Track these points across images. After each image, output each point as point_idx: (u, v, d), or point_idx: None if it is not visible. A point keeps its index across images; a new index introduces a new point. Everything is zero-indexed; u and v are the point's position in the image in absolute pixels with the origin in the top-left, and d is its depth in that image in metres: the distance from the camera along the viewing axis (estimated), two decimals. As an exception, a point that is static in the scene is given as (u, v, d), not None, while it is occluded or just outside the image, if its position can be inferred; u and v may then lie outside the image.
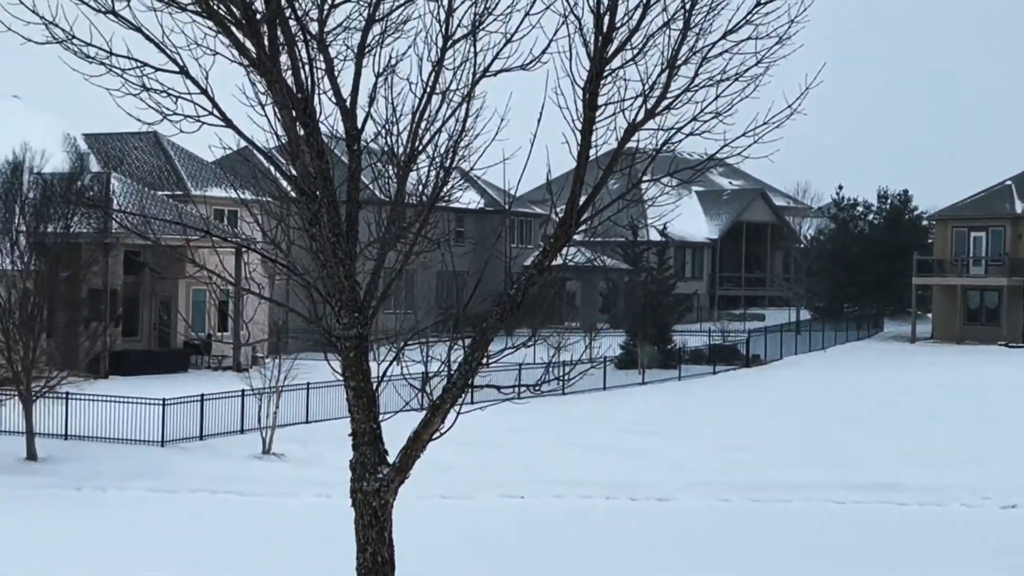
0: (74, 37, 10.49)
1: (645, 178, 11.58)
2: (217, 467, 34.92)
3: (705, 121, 11.13)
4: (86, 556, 25.55)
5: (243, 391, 38.03)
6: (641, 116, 11.13)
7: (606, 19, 10.84)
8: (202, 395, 38.09)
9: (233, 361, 51.73)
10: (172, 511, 30.72)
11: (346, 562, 13.35)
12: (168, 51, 10.75)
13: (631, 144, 11.41)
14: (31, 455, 35.14)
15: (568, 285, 73.60)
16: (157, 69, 10.77)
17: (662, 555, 26.66)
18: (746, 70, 11.07)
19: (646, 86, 11.06)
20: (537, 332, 12.78)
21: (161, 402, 36.72)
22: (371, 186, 12.38)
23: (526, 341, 12.14)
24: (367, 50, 11.57)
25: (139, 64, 10.71)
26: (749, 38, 11.00)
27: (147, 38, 10.66)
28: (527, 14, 11.04)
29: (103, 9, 10.50)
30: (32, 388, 35.55)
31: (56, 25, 10.42)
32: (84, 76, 10.63)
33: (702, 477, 34.64)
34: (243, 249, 40.69)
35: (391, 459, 11.70)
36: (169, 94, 10.83)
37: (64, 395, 36.98)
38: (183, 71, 10.87)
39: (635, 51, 11.00)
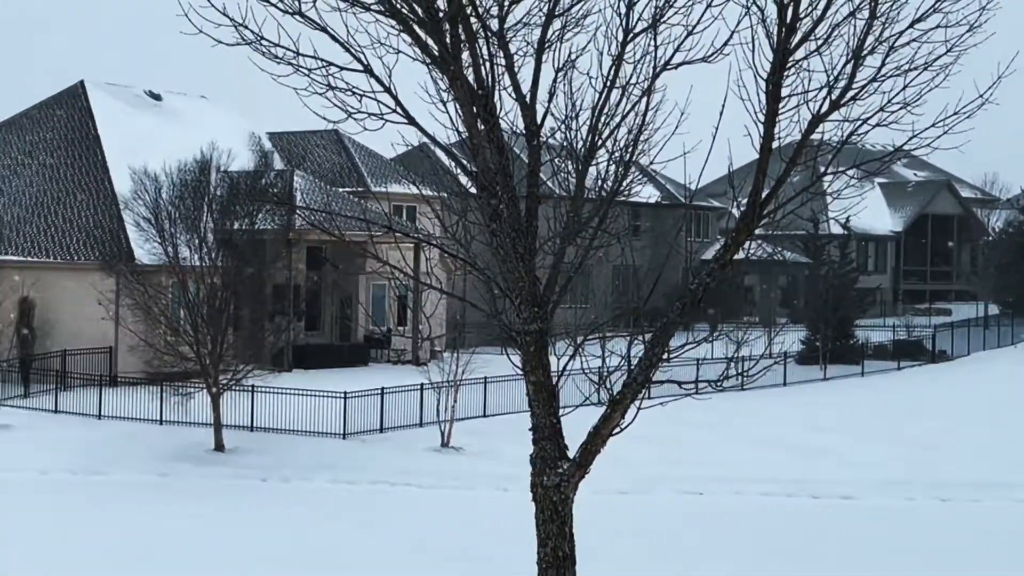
0: (263, 38, 10.71)
1: (830, 170, 11.35)
2: (397, 459, 35.42)
3: (892, 112, 10.87)
4: (279, 544, 26.18)
5: (422, 385, 38.51)
6: (825, 107, 10.92)
7: (790, 10, 10.66)
8: (382, 388, 38.67)
9: (412, 355, 52.40)
10: (353, 502, 31.25)
11: (527, 556, 13.40)
12: (353, 50, 10.90)
13: (814, 136, 11.21)
14: (219, 446, 36.09)
15: (746, 279, 72.78)
16: (342, 68, 10.93)
17: (846, 555, 26.19)
18: (935, 59, 10.77)
19: (831, 77, 10.85)
20: (718, 327, 12.64)
21: (343, 395, 37.38)
22: (550, 181, 12.39)
23: (708, 336, 12.02)
24: (547, 46, 11.55)
25: (325, 64, 10.88)
26: (938, 26, 10.70)
27: (332, 38, 10.83)
28: (709, 6, 10.92)
29: (290, 10, 10.69)
30: (219, 381, 36.50)
31: (245, 27, 10.65)
32: (272, 76, 10.85)
33: (886, 475, 33.94)
34: (423, 244, 41.24)
35: (571, 454, 11.69)
36: (354, 92, 10.99)
37: (250, 388, 37.89)
38: (367, 70, 11.01)
39: (819, 41, 10.80)
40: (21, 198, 51.15)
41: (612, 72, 11.50)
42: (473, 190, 11.85)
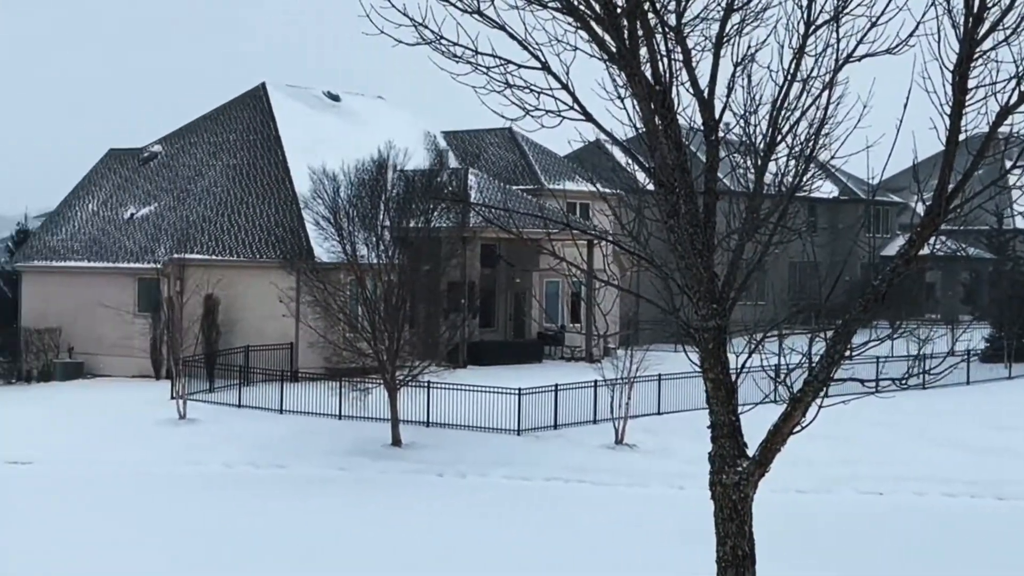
0: (442, 38, 10.84)
1: (1020, 163, 11.01)
2: (570, 456, 35.47)
3: (1088, 102, 10.51)
4: (457, 539, 26.45)
5: (595, 381, 38.50)
6: (1014, 99, 10.62)
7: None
8: (556, 385, 38.77)
9: (585, 352, 52.48)
10: (528, 498, 31.38)
11: (704, 555, 13.33)
12: (530, 48, 10.96)
13: (1002, 128, 10.91)
14: (396, 441, 36.61)
15: (928, 276, 71.14)
16: (520, 66, 11.00)
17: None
18: None
19: (1020, 68, 10.54)
20: (900, 324, 12.37)
21: (517, 392, 37.58)
22: (727, 177, 12.29)
23: (891, 333, 11.78)
24: (725, 40, 11.46)
25: (503, 61, 10.97)
26: None
27: (510, 36, 10.90)
28: (893, -3, 10.70)
29: (469, 9, 10.80)
30: (396, 377, 37.02)
31: (425, 26, 10.79)
32: (451, 75, 10.98)
33: (1075, 477, 32.86)
34: (596, 241, 41.17)
35: (750, 452, 11.58)
36: (531, 90, 11.05)
37: (426, 384, 38.34)
38: (545, 67, 11.06)
39: (1008, 31, 10.50)
40: (206, 198, 52.64)
41: (793, 66, 11.37)
42: (651, 186, 11.81)
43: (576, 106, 11.22)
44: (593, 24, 11.07)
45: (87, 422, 39.32)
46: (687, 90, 11.50)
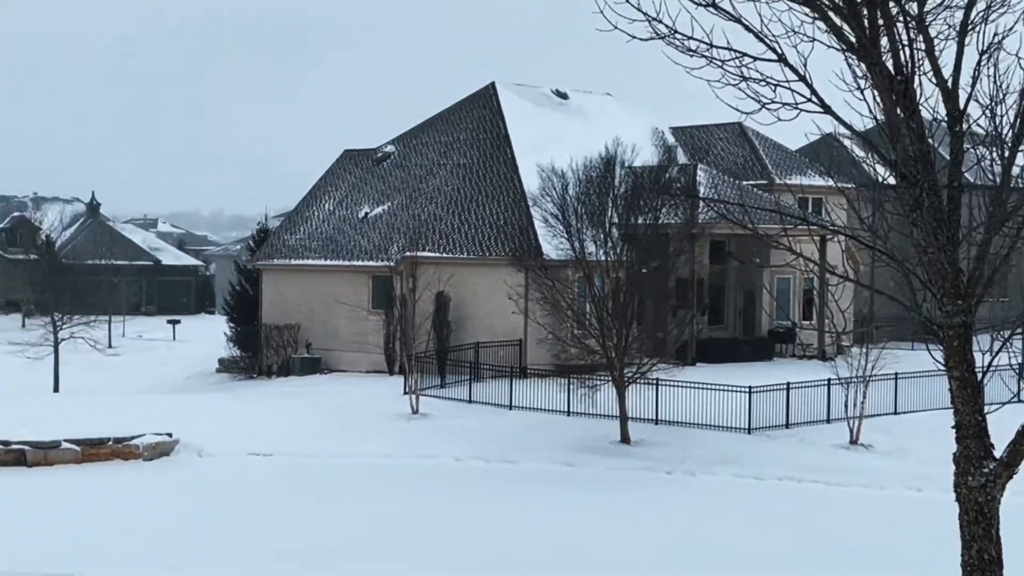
0: (676, 32, 10.79)
1: None
2: (803, 456, 34.90)
3: None
4: (688, 539, 26.34)
5: (828, 380, 37.80)
6: None
7: None
8: (787, 383, 38.19)
9: (817, 349, 51.59)
10: (761, 498, 31.00)
11: (947, 559, 12.93)
12: (767, 40, 10.83)
13: None
14: (624, 438, 36.59)
15: None
16: (756, 58, 10.87)
17: None
18: None
19: None
20: None
21: (747, 390, 37.15)
22: (972, 170, 11.90)
23: None
24: (970, 28, 11.10)
25: (739, 54, 10.87)
26: None
27: (746, 28, 10.79)
28: None
29: (704, 3, 10.73)
30: (624, 374, 37.00)
31: (660, 21, 10.76)
32: (686, 69, 10.94)
33: None
34: (830, 237, 40.40)
35: (997, 453, 11.20)
36: (767, 83, 10.91)
37: (654, 381, 38.21)
38: (781, 59, 10.90)
39: None
40: (436, 197, 53.59)
41: (1043, 53, 10.94)
42: (891, 179, 11.52)
43: (814, 98, 11.04)
44: (831, 14, 10.87)
45: (324, 416, 40.42)
46: (929, 80, 11.19)
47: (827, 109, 11.12)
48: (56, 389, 55.32)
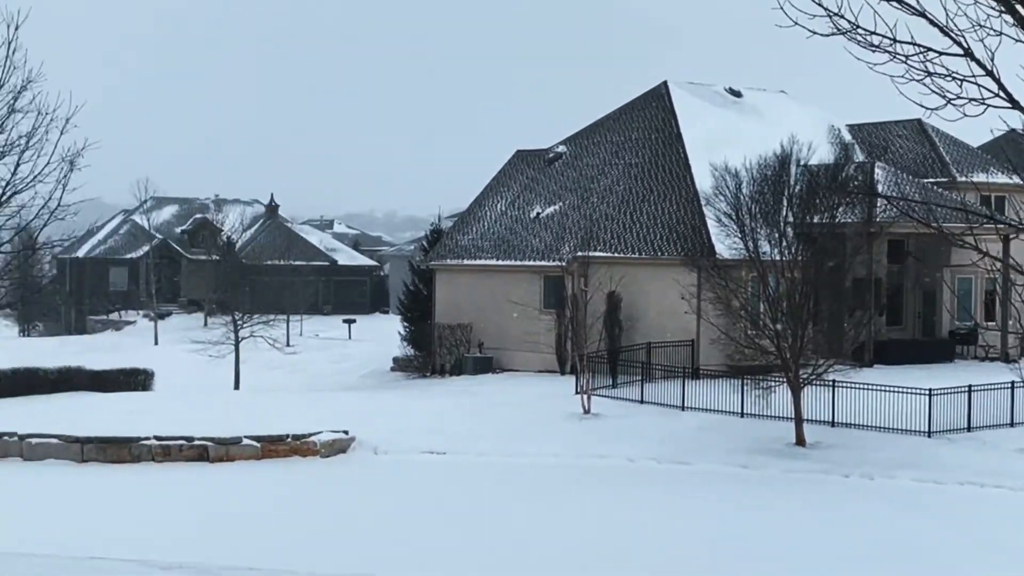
0: (858, 27, 10.58)
1: None
2: (984, 460, 33.95)
3: None
4: (872, 544, 25.86)
5: (1012, 383, 36.75)
6: None
7: None
8: (969, 386, 37.22)
9: (1000, 351, 50.13)
10: (943, 503, 30.27)
11: None
12: (952, 34, 10.55)
13: None
14: (799, 440, 36.04)
15: None
16: (941, 53, 10.60)
17: None
18: None
19: None
20: None
21: (927, 392, 36.29)
22: None
23: None
24: None
25: (923, 49, 10.60)
26: None
27: (930, 22, 10.52)
28: None
29: (888, -3, 10.51)
30: (800, 375, 36.45)
31: (841, 16, 10.57)
32: (868, 65, 10.72)
33: None
34: (1014, 235, 39.25)
35: None
36: (953, 78, 10.63)
37: (830, 383, 37.56)
38: (967, 53, 10.61)
39: None
40: (608, 196, 53.55)
41: None
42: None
43: (1001, 93, 10.70)
44: (1018, 7, 10.52)
45: (496, 415, 40.68)
46: (1124, 72, 10.77)
47: (1016, 104, 10.78)
48: (236, 387, 56.78)
